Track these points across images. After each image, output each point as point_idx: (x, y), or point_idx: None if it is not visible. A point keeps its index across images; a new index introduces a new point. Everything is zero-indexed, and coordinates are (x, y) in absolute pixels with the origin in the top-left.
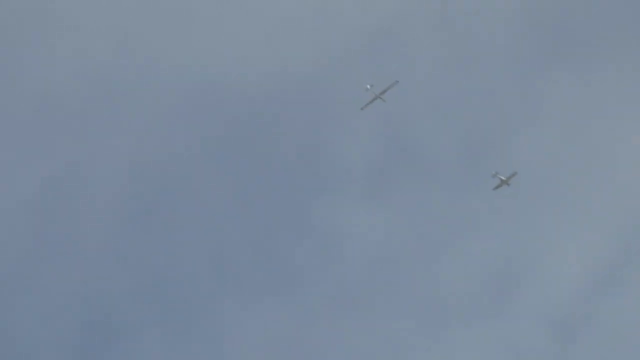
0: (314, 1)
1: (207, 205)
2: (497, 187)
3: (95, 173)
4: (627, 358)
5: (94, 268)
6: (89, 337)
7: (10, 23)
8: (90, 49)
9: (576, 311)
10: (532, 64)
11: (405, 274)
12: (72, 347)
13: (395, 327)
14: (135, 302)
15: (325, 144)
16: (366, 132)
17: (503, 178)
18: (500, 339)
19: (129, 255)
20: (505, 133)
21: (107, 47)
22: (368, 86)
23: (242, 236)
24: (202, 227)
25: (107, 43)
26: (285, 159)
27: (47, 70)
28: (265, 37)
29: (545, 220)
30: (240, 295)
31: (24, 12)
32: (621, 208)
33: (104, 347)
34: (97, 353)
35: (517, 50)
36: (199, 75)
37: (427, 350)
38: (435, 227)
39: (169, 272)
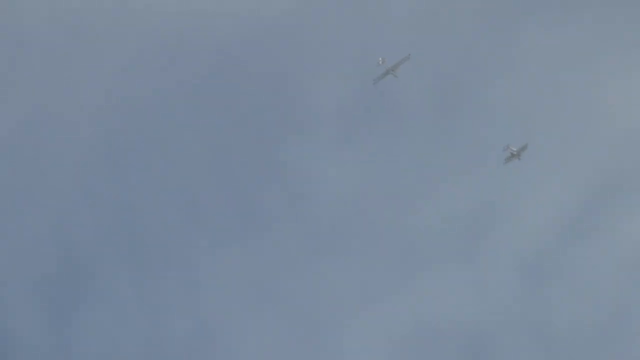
0: None
1: (179, 147)
2: (508, 159)
3: (68, 114)
4: (597, 302)
5: (67, 208)
6: (61, 276)
7: None
8: None
9: (548, 256)
10: (506, 14)
11: (377, 217)
12: (44, 286)
13: (367, 270)
14: (106, 243)
15: (299, 87)
16: (340, 76)
17: (514, 151)
18: (472, 283)
19: (101, 196)
20: (479, 81)
21: None
22: (380, 60)
23: (214, 178)
24: (174, 169)
25: None
26: (257, 102)
27: (17, 14)
28: None
29: (518, 167)
30: (211, 236)
31: None
32: (594, 156)
33: (75, 286)
34: (69, 292)
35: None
36: (172, 19)
37: (399, 293)
38: (408, 172)
39: (140, 213)
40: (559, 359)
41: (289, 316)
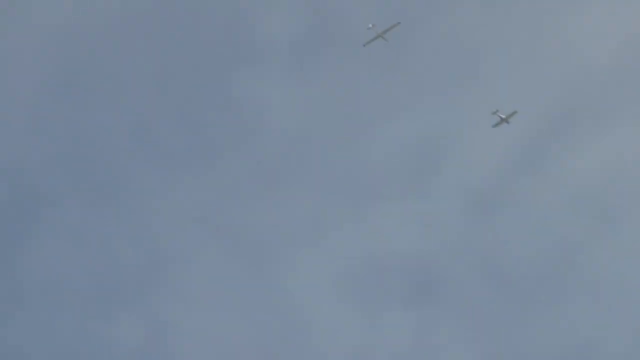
0: None
1: (129, 76)
2: (497, 124)
3: (18, 40)
4: (546, 236)
5: (16, 135)
6: (8, 204)
7: None
8: None
9: (497, 190)
10: None
11: (327, 150)
12: None
13: (316, 203)
14: (55, 171)
15: (249, 15)
16: (291, 4)
17: (503, 116)
18: (421, 217)
19: (51, 123)
20: (429, 13)
21: None
22: (370, 25)
23: (165, 108)
24: (124, 98)
25: None
26: (207, 31)
27: None
28: None
29: (467, 97)
30: (161, 166)
31: None
32: (544, 88)
33: (23, 214)
34: (16, 220)
35: None
36: None
37: (348, 226)
38: (359, 104)
39: (90, 142)
40: (507, 293)
41: (237, 248)
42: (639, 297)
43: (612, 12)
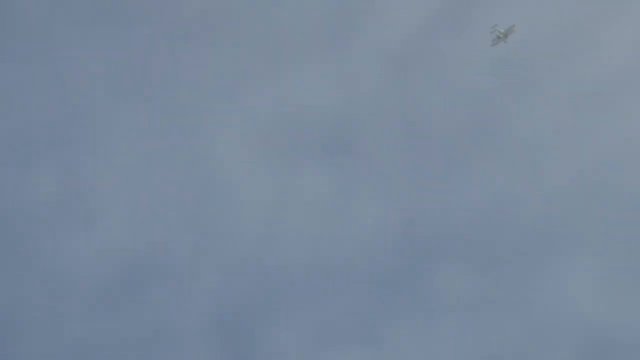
0: None
1: None
2: (495, 42)
3: None
4: (463, 95)
5: None
6: None
7: None
8: None
9: (415, 47)
10: None
11: (246, 7)
12: None
13: (236, 59)
14: None
15: None
16: None
17: (501, 32)
18: (338, 74)
19: None
20: None
21: None
22: None
23: None
24: None
25: None
26: None
27: None
28: None
29: None
30: (80, 18)
31: None
32: None
33: None
34: None
35: None
36: None
37: (266, 83)
38: None
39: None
40: (425, 150)
41: (156, 104)
42: (553, 157)
43: None
